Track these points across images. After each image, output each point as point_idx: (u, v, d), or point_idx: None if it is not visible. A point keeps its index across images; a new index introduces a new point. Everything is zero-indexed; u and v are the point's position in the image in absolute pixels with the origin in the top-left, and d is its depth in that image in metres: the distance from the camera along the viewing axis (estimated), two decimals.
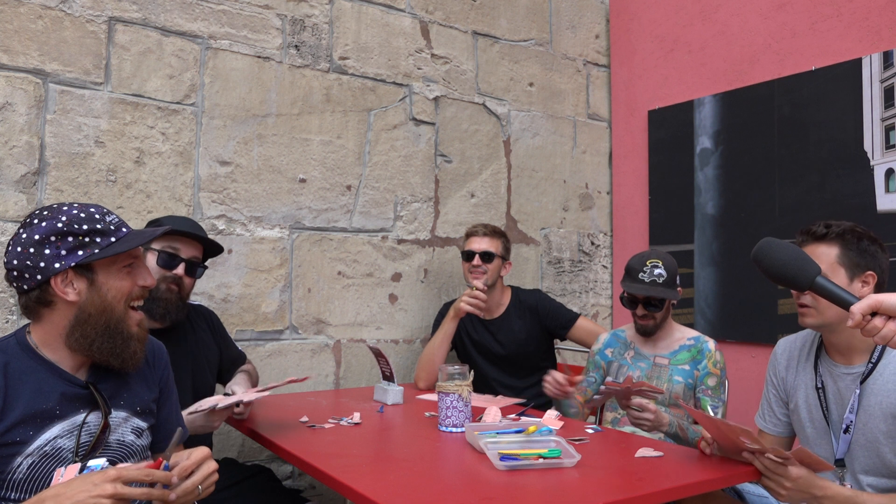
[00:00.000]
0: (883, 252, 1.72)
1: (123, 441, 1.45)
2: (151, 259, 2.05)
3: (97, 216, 1.40)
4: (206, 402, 1.90)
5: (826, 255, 1.69)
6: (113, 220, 1.42)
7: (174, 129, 2.62)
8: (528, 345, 2.86)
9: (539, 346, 2.89)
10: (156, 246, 2.06)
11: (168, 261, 2.06)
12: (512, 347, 2.85)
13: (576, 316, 2.88)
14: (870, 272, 1.69)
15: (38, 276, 1.35)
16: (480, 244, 2.83)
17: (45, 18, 2.39)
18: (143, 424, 1.50)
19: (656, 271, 2.27)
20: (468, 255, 2.85)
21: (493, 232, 2.87)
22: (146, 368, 1.56)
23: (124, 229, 1.44)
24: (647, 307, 2.30)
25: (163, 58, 2.60)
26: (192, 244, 2.13)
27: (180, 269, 2.09)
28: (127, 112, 2.53)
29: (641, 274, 2.28)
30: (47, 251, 1.35)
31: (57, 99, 2.40)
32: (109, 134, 2.49)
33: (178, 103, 2.63)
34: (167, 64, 2.61)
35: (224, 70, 2.73)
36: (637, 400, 2.00)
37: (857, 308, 1.24)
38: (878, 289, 1.71)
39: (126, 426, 1.46)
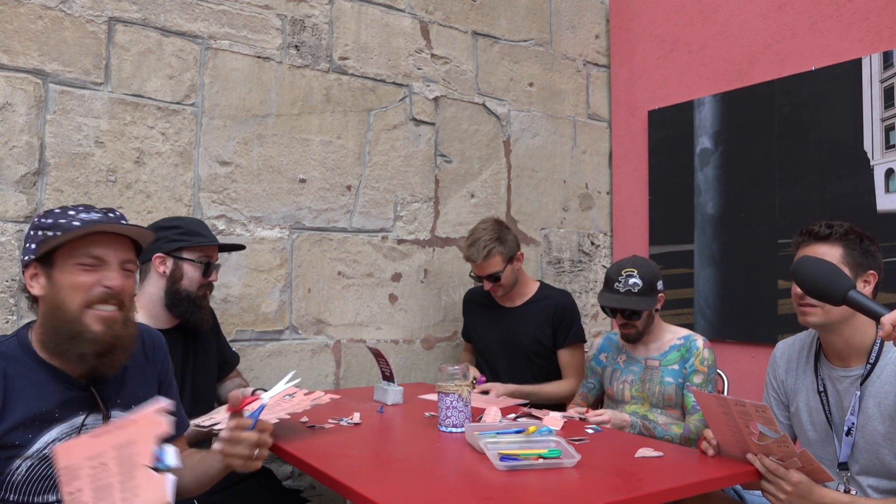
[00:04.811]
0: (879, 251, 1.75)
1: None
2: (193, 270, 2.11)
3: (71, 211, 1.39)
4: (208, 421, 1.91)
5: (830, 256, 1.70)
6: (84, 216, 1.38)
7: (174, 130, 2.62)
8: (536, 341, 2.85)
9: (546, 345, 2.87)
10: (191, 256, 2.11)
11: (209, 271, 2.15)
12: (522, 339, 2.85)
13: (582, 341, 2.86)
14: (871, 271, 1.72)
15: (22, 270, 1.41)
16: (483, 270, 2.78)
17: (45, 18, 2.39)
18: None
19: (631, 281, 2.26)
20: (479, 279, 2.85)
21: (490, 249, 2.72)
22: (144, 363, 1.54)
23: (95, 215, 1.40)
24: (625, 316, 2.30)
25: (163, 58, 2.60)
26: (214, 248, 2.21)
27: (215, 276, 2.19)
28: (127, 112, 2.53)
29: (616, 284, 2.27)
30: (27, 244, 1.40)
31: (57, 99, 2.40)
32: (109, 134, 2.49)
33: (178, 103, 2.63)
34: (167, 64, 2.61)
35: (224, 70, 2.73)
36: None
37: (888, 319, 1.32)
38: (877, 287, 1.74)
39: None
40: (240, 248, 2.35)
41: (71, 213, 1.39)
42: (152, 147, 2.57)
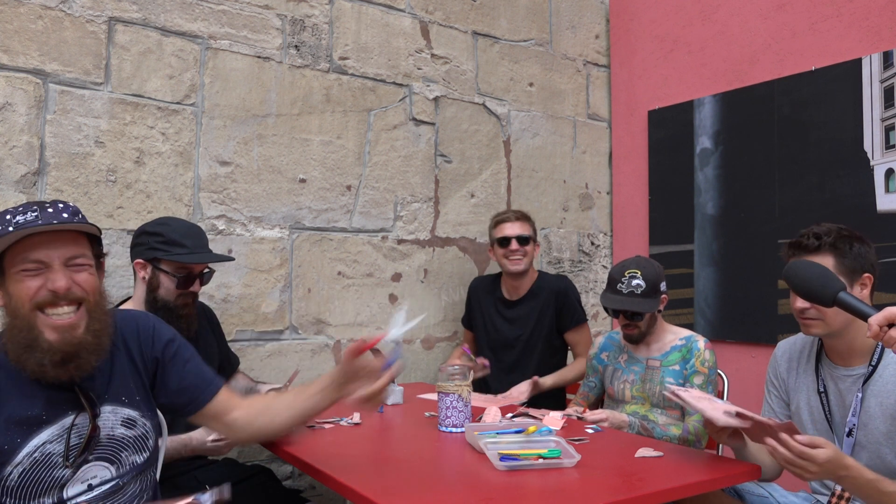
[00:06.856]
0: (870, 249, 1.73)
1: (113, 435, 1.42)
2: (169, 281, 2.04)
3: (8, 215, 1.33)
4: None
5: None
6: (20, 218, 1.32)
7: (174, 130, 2.62)
8: (542, 328, 2.90)
9: (549, 334, 2.91)
10: (167, 268, 2.04)
11: (185, 283, 2.06)
12: (528, 329, 2.90)
13: (586, 319, 2.95)
14: (866, 274, 1.70)
15: None
16: (514, 229, 2.89)
17: (45, 18, 2.39)
18: (134, 413, 1.46)
19: (634, 282, 2.25)
20: (503, 241, 2.89)
21: (524, 216, 2.96)
22: (132, 352, 1.49)
23: (30, 214, 1.33)
24: (627, 317, 2.30)
25: (163, 58, 2.60)
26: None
27: (196, 286, 2.10)
28: (127, 112, 2.52)
29: (620, 285, 2.27)
30: None
31: (57, 99, 2.40)
32: (109, 134, 2.49)
33: (178, 103, 2.63)
34: (167, 64, 2.61)
35: (224, 70, 2.73)
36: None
37: (874, 320, 1.33)
38: (874, 286, 1.72)
39: (115, 418, 1.43)
40: (228, 259, 2.27)
41: (8, 216, 1.33)
42: (152, 147, 2.57)
